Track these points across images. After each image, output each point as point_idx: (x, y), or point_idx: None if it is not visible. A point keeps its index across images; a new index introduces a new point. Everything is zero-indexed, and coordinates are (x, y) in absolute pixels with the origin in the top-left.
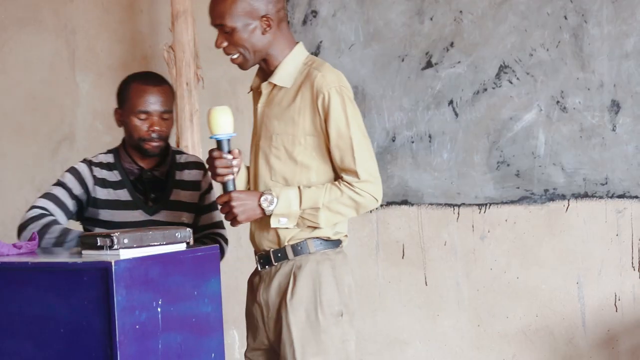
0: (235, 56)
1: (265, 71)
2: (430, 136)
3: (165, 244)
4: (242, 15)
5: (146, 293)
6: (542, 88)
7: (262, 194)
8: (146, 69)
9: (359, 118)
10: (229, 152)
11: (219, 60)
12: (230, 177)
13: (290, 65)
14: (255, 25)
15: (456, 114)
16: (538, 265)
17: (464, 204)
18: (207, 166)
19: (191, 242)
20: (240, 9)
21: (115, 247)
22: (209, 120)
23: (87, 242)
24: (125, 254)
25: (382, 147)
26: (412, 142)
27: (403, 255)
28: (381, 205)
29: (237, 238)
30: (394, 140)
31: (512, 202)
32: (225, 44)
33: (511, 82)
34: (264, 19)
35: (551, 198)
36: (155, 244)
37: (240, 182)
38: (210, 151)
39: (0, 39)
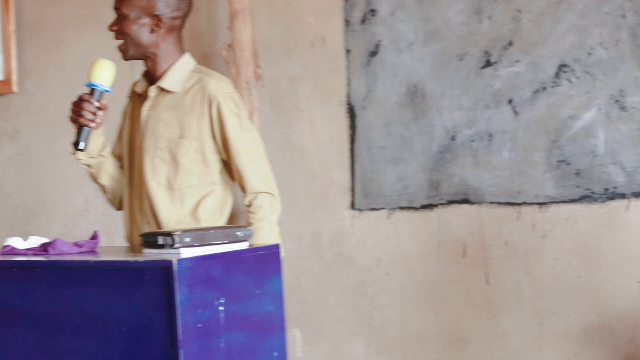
0: (120, 43)
1: (152, 75)
2: (490, 135)
3: (227, 243)
4: (137, 8)
5: (208, 292)
6: (601, 87)
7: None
8: (206, 67)
9: (249, 122)
10: (99, 102)
11: (279, 59)
12: (93, 125)
13: (179, 72)
14: (146, 22)
15: (516, 113)
16: (599, 264)
17: (524, 203)
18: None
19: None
20: (138, 2)
21: (177, 246)
22: (93, 67)
23: (148, 240)
24: (187, 252)
25: (442, 146)
26: (472, 141)
27: (464, 254)
28: (442, 204)
29: (299, 237)
30: (454, 140)
31: (573, 201)
32: (116, 28)
33: (570, 81)
34: (155, 18)
35: (611, 197)
36: (217, 242)
37: (95, 145)
38: (81, 95)
39: (59, 38)
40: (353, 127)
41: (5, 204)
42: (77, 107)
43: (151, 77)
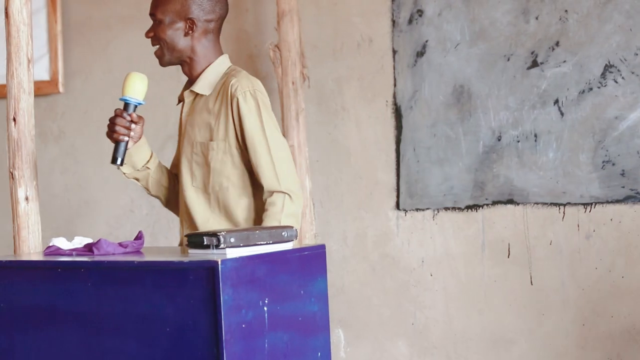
0: (156, 48)
1: (190, 79)
2: (535, 135)
3: (272, 243)
4: (171, 12)
5: (252, 292)
6: None
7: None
8: (252, 68)
9: (274, 121)
10: (130, 115)
11: (325, 59)
12: (126, 138)
13: (212, 74)
14: (180, 25)
15: (562, 113)
16: None
17: (569, 203)
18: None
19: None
20: (172, 6)
21: (222, 246)
22: (126, 82)
23: (193, 241)
24: (232, 253)
25: (488, 146)
26: (518, 141)
27: (509, 254)
28: (487, 205)
29: (344, 237)
30: (499, 140)
31: (618, 201)
32: (151, 34)
33: (616, 82)
34: (189, 21)
35: None
36: (262, 243)
37: (139, 157)
38: (115, 110)
39: (105, 38)
40: (399, 127)
41: (50, 204)
42: (111, 123)
43: (189, 81)
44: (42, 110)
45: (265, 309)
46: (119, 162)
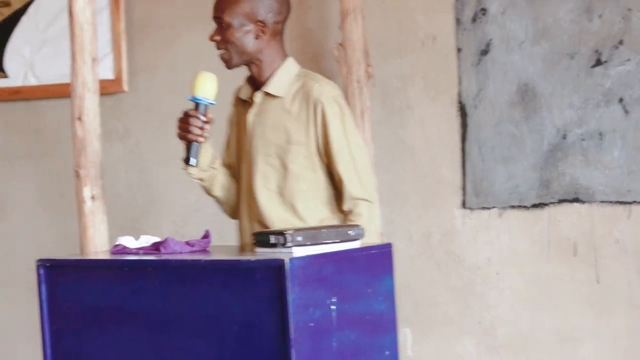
0: (222, 52)
1: (256, 81)
2: (600, 134)
3: (339, 242)
4: (240, 15)
5: (320, 291)
6: None
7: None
8: (316, 66)
9: (353, 124)
10: (204, 115)
11: (389, 57)
12: (201, 139)
13: (284, 76)
14: (249, 28)
15: (626, 112)
16: None
17: (635, 201)
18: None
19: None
20: (240, 9)
21: (289, 244)
22: (195, 81)
23: (260, 239)
24: (299, 251)
25: (553, 144)
26: (583, 139)
27: (575, 253)
28: (552, 203)
29: (409, 236)
30: (564, 138)
31: None
32: (218, 37)
33: None
34: (260, 24)
35: None
36: (329, 241)
37: (205, 158)
38: (187, 110)
39: (169, 36)
40: (464, 125)
41: (115, 203)
42: (184, 123)
43: (255, 83)
44: (106, 109)
45: (333, 307)
46: (194, 162)
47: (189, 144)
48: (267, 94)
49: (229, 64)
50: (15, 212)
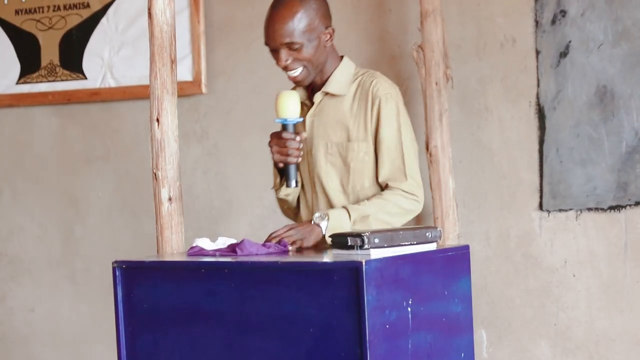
0: (298, 72)
1: (312, 83)
2: None
3: (416, 244)
4: (306, 32)
5: (396, 293)
6: None
7: (311, 219)
8: (394, 68)
9: (410, 124)
10: (297, 134)
11: (468, 59)
12: (299, 160)
13: (342, 75)
14: (316, 41)
15: None
16: None
17: None
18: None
19: (440, 242)
20: (304, 26)
21: (366, 246)
22: (279, 103)
23: (337, 241)
24: (376, 253)
25: (631, 146)
26: None
27: None
28: (630, 205)
29: (486, 237)
30: None
31: None
32: (289, 60)
33: None
34: (326, 33)
35: None
36: (406, 243)
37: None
38: (279, 133)
39: (248, 38)
40: (542, 127)
41: (192, 205)
42: (282, 147)
43: (310, 85)
44: (184, 111)
45: (409, 309)
46: (295, 184)
47: (286, 165)
48: (327, 94)
49: (304, 82)
50: (92, 213)
